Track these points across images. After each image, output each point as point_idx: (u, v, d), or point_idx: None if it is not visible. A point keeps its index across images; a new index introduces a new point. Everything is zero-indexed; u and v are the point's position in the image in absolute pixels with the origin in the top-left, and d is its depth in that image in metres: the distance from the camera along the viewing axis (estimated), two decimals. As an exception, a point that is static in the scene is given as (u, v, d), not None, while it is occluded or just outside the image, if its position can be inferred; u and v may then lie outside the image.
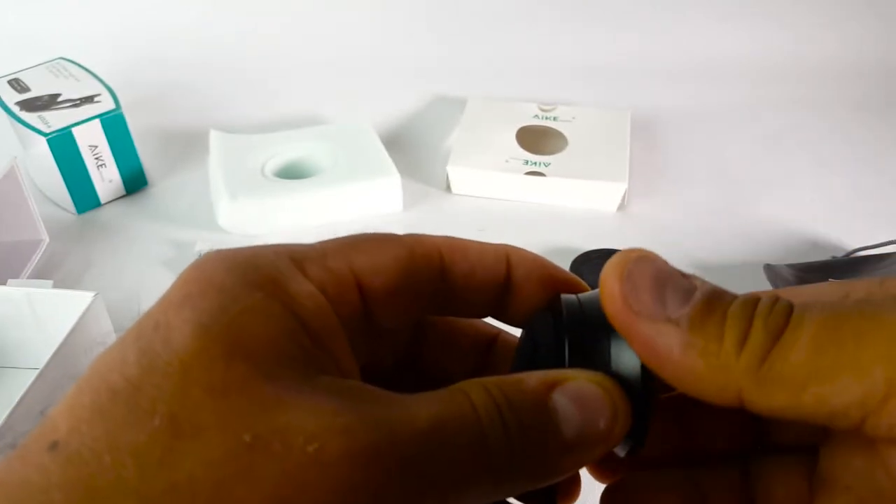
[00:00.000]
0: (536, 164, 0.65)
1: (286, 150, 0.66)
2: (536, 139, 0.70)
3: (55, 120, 0.61)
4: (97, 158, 0.63)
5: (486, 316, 0.22)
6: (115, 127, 0.62)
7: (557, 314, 0.19)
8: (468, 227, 0.62)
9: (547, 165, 0.65)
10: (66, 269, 0.59)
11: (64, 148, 0.60)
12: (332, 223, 0.62)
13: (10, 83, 0.67)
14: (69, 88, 0.65)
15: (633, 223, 0.64)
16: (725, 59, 0.84)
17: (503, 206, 0.65)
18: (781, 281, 0.54)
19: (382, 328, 0.22)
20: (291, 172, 0.65)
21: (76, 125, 0.60)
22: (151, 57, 0.85)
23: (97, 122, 0.61)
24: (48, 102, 0.63)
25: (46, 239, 0.60)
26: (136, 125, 0.65)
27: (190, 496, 0.13)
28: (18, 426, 0.39)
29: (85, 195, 0.64)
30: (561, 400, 0.17)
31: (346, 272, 0.18)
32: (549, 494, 0.20)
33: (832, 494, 0.18)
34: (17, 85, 0.66)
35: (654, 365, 0.17)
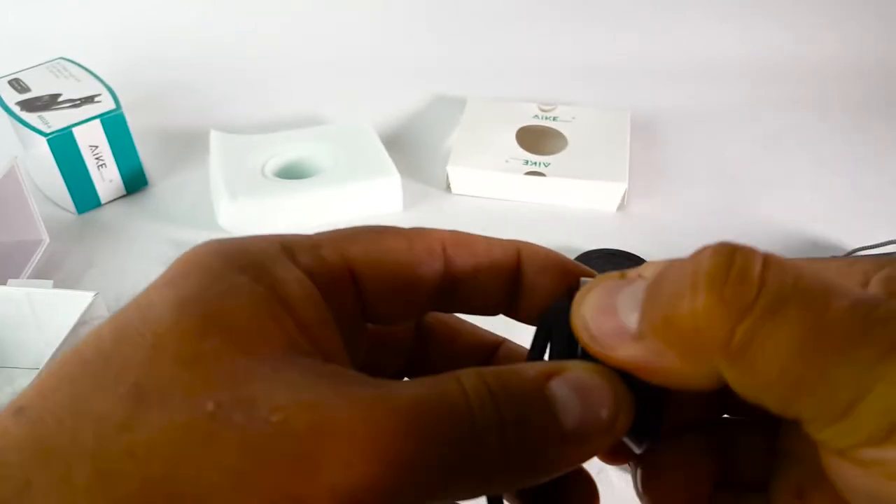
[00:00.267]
0: (536, 164, 0.65)
1: (286, 150, 0.66)
2: (536, 139, 0.70)
3: (55, 120, 0.61)
4: (97, 158, 0.63)
5: (496, 313, 0.21)
6: (115, 127, 0.63)
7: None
8: (468, 227, 0.61)
9: (547, 165, 0.65)
10: (66, 269, 0.59)
11: (64, 148, 0.61)
12: (332, 223, 0.61)
13: (10, 83, 0.67)
14: (69, 88, 0.65)
15: (632, 223, 0.64)
16: (725, 59, 0.84)
17: (503, 206, 0.65)
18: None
19: (384, 329, 0.22)
20: (292, 172, 0.65)
21: (76, 125, 0.61)
22: (152, 57, 0.85)
23: (97, 122, 0.61)
24: (48, 102, 0.63)
25: (47, 239, 0.60)
26: (136, 125, 0.65)
27: (146, 461, 0.13)
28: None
29: (85, 195, 0.64)
30: (560, 389, 0.16)
31: (339, 262, 0.18)
32: (555, 498, 0.19)
33: (789, 465, 0.18)
34: (17, 85, 0.66)
35: (650, 379, 0.16)
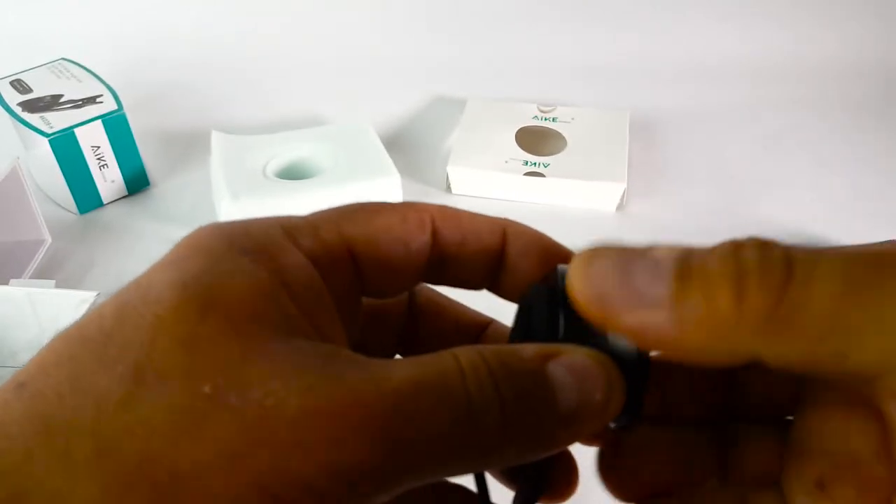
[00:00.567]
0: (536, 164, 0.66)
1: (287, 150, 0.67)
2: (536, 140, 0.70)
3: (57, 121, 0.61)
4: (99, 159, 0.63)
5: (481, 288, 0.21)
6: (117, 128, 0.63)
7: (553, 285, 0.19)
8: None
9: (546, 166, 0.65)
10: (68, 269, 0.59)
11: (66, 148, 0.61)
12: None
13: (11, 84, 0.67)
14: (71, 89, 0.66)
15: (632, 223, 0.64)
16: (725, 59, 0.84)
17: (503, 206, 0.65)
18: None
19: (378, 307, 0.22)
20: (292, 173, 0.65)
21: (78, 126, 0.61)
22: (153, 58, 0.85)
23: (99, 122, 0.62)
24: (50, 103, 0.64)
25: (48, 239, 0.60)
26: (137, 126, 0.65)
27: (144, 439, 0.13)
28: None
29: (87, 195, 0.64)
30: (558, 371, 0.16)
31: (337, 241, 0.18)
32: (540, 475, 0.20)
33: (804, 460, 0.18)
34: (19, 86, 0.67)
35: (656, 350, 0.16)
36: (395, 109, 0.78)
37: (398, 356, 0.24)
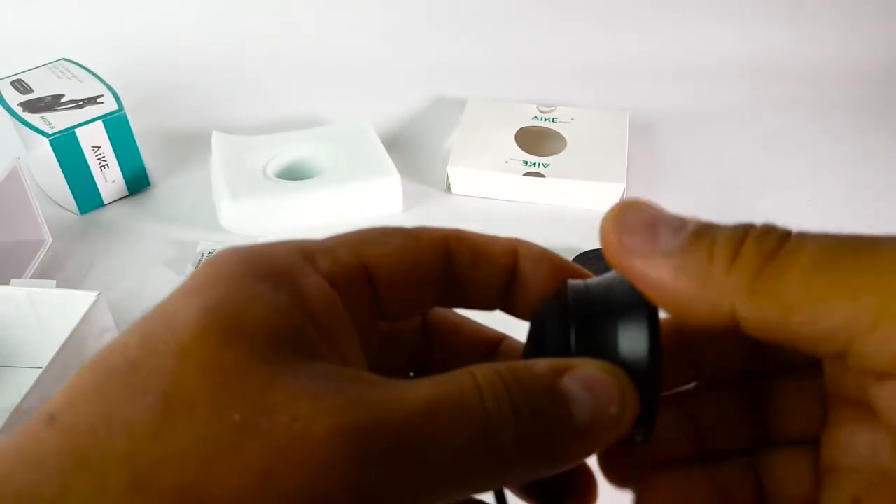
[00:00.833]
0: (535, 164, 0.66)
1: (287, 150, 0.67)
2: (535, 140, 0.70)
3: (58, 121, 0.61)
4: (100, 159, 0.63)
5: (494, 308, 0.22)
6: (117, 128, 0.63)
7: (564, 301, 0.19)
8: (468, 227, 0.62)
9: (546, 166, 0.66)
10: (68, 269, 0.60)
11: (67, 149, 0.61)
12: (332, 223, 0.62)
13: (12, 84, 0.67)
14: (72, 89, 0.66)
15: (632, 223, 0.64)
16: (724, 59, 0.84)
17: (503, 206, 0.65)
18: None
19: (393, 326, 0.22)
20: (293, 173, 0.66)
21: (79, 126, 0.61)
22: (154, 58, 0.86)
23: (100, 123, 0.62)
24: (51, 103, 0.64)
25: (49, 239, 0.60)
26: (138, 126, 0.65)
27: (178, 469, 0.14)
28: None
29: (88, 195, 0.64)
30: (572, 385, 0.17)
31: (355, 264, 0.19)
32: (558, 490, 0.20)
33: (839, 480, 0.18)
34: (19, 86, 0.67)
35: (651, 296, 0.17)
36: (395, 109, 0.79)
37: (412, 374, 0.24)
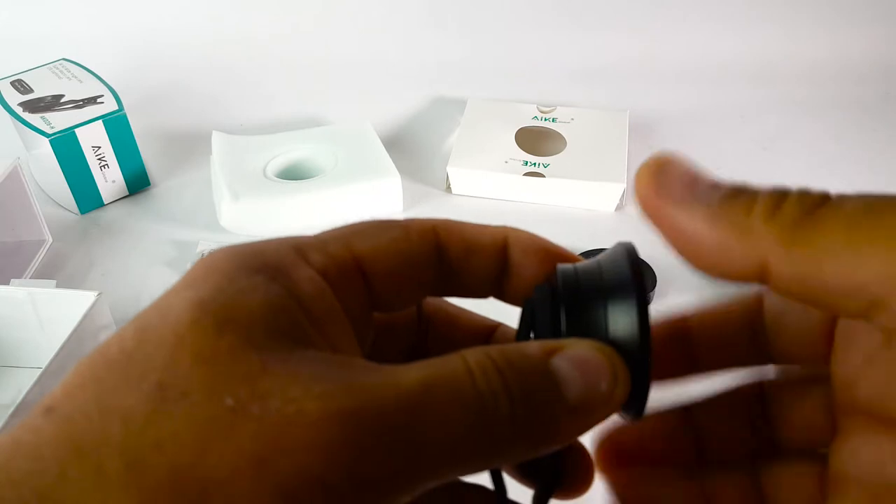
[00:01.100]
0: (535, 164, 0.66)
1: (287, 151, 0.67)
2: (535, 140, 0.70)
3: (58, 121, 0.61)
4: (100, 159, 0.63)
5: (487, 296, 0.22)
6: (117, 128, 0.63)
7: (555, 284, 0.19)
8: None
9: (546, 166, 0.66)
10: (68, 269, 0.60)
11: (67, 149, 0.61)
12: (333, 224, 0.62)
13: (12, 84, 0.67)
14: (72, 89, 0.66)
15: (631, 223, 0.64)
16: (724, 60, 0.84)
17: (503, 206, 0.65)
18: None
19: (388, 318, 0.22)
20: (293, 173, 0.66)
21: (79, 126, 0.61)
22: (154, 58, 0.86)
23: (100, 123, 0.62)
24: (51, 103, 0.64)
25: (49, 239, 0.60)
26: (138, 126, 0.65)
27: (172, 453, 0.14)
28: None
29: (88, 195, 0.64)
30: (562, 364, 0.17)
31: (347, 257, 0.19)
32: (555, 469, 0.20)
33: (844, 492, 0.18)
34: (19, 86, 0.67)
35: (683, 248, 0.17)
36: (395, 109, 0.79)
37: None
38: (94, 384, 0.15)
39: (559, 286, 0.19)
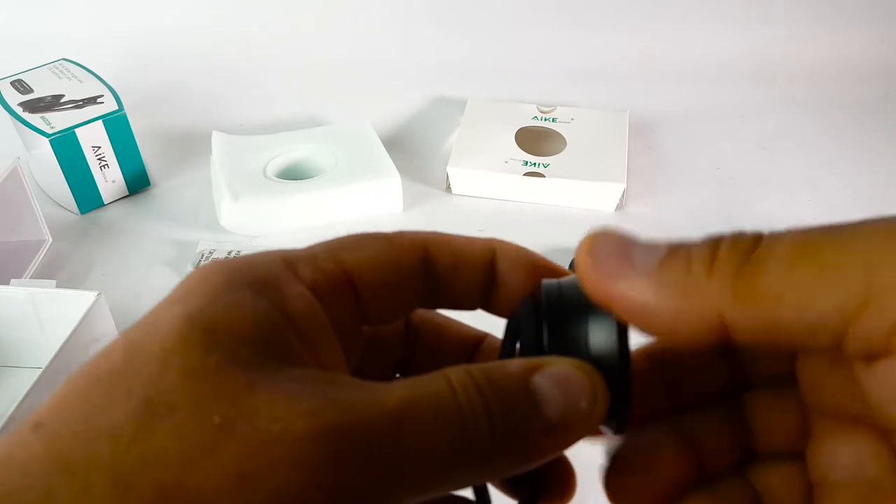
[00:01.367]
0: (535, 164, 0.66)
1: (288, 151, 0.67)
2: (535, 140, 0.70)
3: (58, 121, 0.61)
4: (100, 159, 0.63)
5: (475, 308, 0.22)
6: (117, 128, 0.63)
7: (539, 300, 0.19)
8: (468, 227, 0.62)
9: (546, 166, 0.66)
10: (68, 269, 0.60)
11: (67, 149, 0.61)
12: (332, 224, 0.62)
13: (12, 84, 0.67)
14: (72, 89, 0.66)
15: (631, 223, 0.64)
16: (723, 60, 0.84)
17: (503, 206, 0.65)
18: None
19: (377, 330, 0.22)
20: (293, 173, 0.66)
21: (79, 126, 0.61)
22: (154, 58, 0.86)
23: (100, 123, 0.62)
24: (51, 103, 0.64)
25: (49, 239, 0.60)
26: (138, 126, 0.65)
27: (159, 470, 0.14)
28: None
29: (88, 195, 0.64)
30: (542, 382, 0.17)
31: (336, 271, 0.19)
32: (537, 482, 0.20)
33: (831, 495, 0.18)
34: (19, 86, 0.67)
35: (637, 322, 0.17)
36: (395, 109, 0.79)
37: (398, 376, 0.24)
38: (81, 400, 0.15)
39: (543, 303, 0.19)
